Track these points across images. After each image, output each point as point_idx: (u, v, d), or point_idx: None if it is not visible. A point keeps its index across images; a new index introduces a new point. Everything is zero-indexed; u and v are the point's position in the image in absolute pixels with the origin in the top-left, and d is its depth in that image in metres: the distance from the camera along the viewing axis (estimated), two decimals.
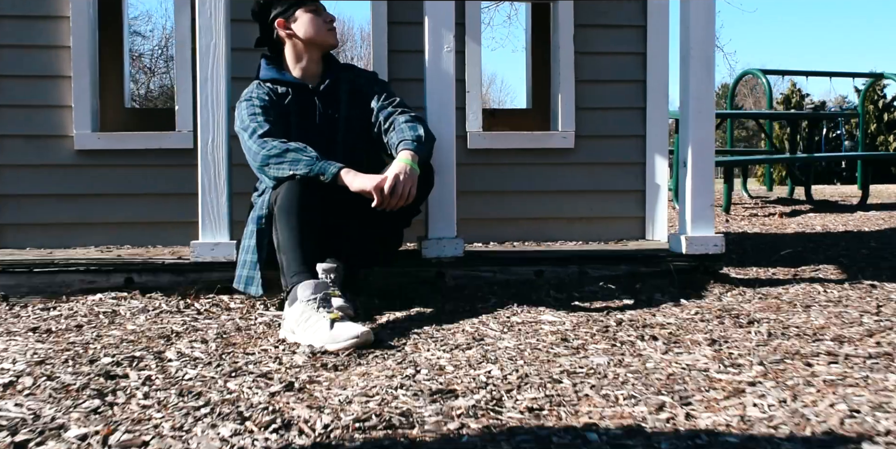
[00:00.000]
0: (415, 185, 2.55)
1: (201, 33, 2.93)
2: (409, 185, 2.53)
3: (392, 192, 2.50)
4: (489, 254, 3.18)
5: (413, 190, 2.54)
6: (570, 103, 3.71)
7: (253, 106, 2.76)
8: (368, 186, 2.49)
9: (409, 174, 2.54)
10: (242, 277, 2.72)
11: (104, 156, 3.54)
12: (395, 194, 2.51)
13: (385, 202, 2.51)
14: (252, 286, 2.68)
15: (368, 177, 2.52)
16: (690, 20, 3.11)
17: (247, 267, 2.72)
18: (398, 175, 2.52)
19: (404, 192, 2.52)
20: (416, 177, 2.57)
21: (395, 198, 2.51)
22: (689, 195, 3.14)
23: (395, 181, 2.51)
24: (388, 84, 2.97)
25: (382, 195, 2.50)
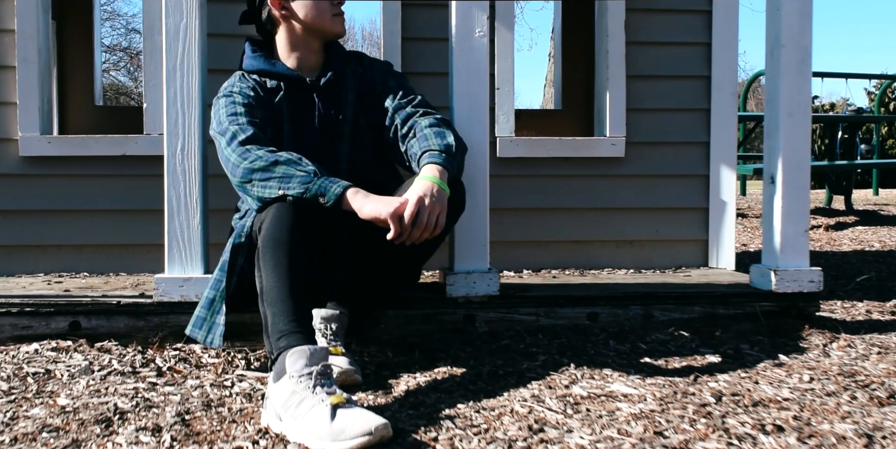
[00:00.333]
0: (444, 211, 1.93)
1: (169, 11, 2.31)
2: (436, 211, 1.91)
3: (415, 220, 1.88)
4: (530, 289, 2.55)
5: (442, 218, 1.92)
6: (619, 104, 3.09)
7: (234, 104, 2.13)
8: (384, 213, 1.86)
9: (437, 197, 1.92)
10: (199, 320, 2.09)
11: (57, 164, 2.91)
12: (418, 224, 1.88)
13: (405, 234, 1.89)
14: (210, 334, 2.04)
15: (383, 200, 1.89)
16: (782, 4, 2.49)
17: (206, 306, 2.09)
18: (422, 198, 1.89)
19: (430, 221, 1.89)
20: (445, 200, 1.94)
21: (419, 228, 1.88)
22: (778, 218, 2.52)
23: (419, 206, 1.88)
24: (405, 77, 2.35)
25: (402, 225, 1.87)
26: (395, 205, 1.87)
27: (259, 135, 2.05)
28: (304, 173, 1.92)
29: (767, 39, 2.56)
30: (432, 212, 1.90)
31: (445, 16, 2.86)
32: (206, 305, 2.09)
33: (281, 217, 1.89)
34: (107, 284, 2.69)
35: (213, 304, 2.08)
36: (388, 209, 1.87)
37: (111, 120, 3.98)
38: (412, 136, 2.15)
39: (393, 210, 1.86)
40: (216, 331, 2.04)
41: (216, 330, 2.04)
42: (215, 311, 2.07)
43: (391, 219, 1.86)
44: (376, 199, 1.90)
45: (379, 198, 1.91)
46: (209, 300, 2.09)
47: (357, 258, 2.14)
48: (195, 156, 2.31)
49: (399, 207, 1.87)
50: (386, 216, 1.86)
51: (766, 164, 2.59)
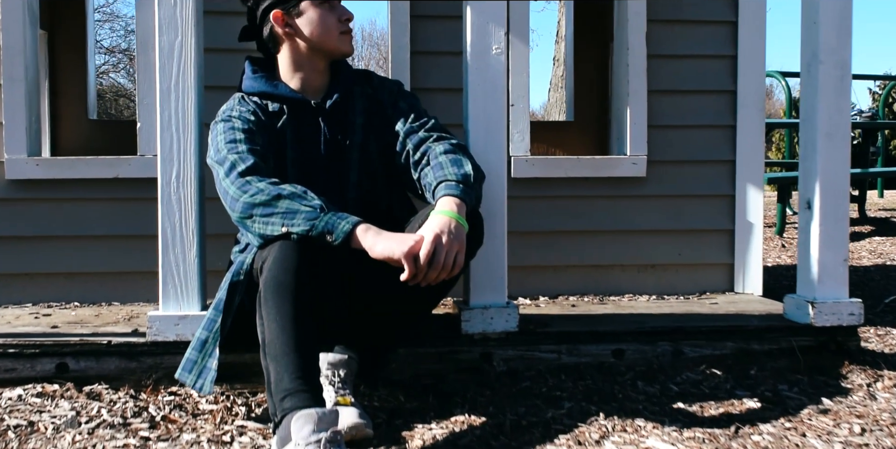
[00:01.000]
0: (462, 249, 1.76)
1: (163, 28, 2.14)
2: (454, 249, 1.74)
3: (431, 260, 1.71)
4: (550, 323, 2.38)
5: (460, 257, 1.75)
6: (641, 121, 2.92)
7: (233, 129, 1.97)
8: (397, 253, 1.70)
9: (455, 234, 1.75)
10: (189, 362, 1.91)
11: (45, 187, 2.74)
12: (434, 264, 1.71)
13: (420, 274, 1.72)
14: (200, 379, 1.87)
15: (396, 237, 1.73)
16: (819, 15, 2.32)
17: (197, 348, 1.92)
18: (439, 236, 1.73)
19: (447, 261, 1.72)
20: (463, 236, 1.78)
21: (436, 269, 1.72)
22: (815, 247, 2.35)
23: (435, 245, 1.72)
24: (416, 98, 2.18)
25: (417, 265, 1.71)
26: (410, 243, 1.71)
27: (260, 164, 1.89)
28: (309, 208, 1.76)
29: (803, 55, 2.40)
30: (450, 250, 1.73)
31: (457, 28, 2.69)
32: (197, 346, 1.92)
33: (285, 257, 1.72)
34: (98, 317, 2.53)
35: (206, 346, 1.91)
36: (401, 248, 1.70)
37: (105, 134, 3.82)
38: (426, 163, 1.99)
39: (407, 249, 1.70)
40: (206, 376, 1.87)
41: (207, 375, 1.87)
42: (207, 353, 1.90)
43: (405, 259, 1.70)
44: (389, 237, 1.73)
45: (392, 235, 1.74)
46: (201, 342, 1.92)
47: (367, 299, 1.97)
48: (191, 183, 2.15)
49: (414, 246, 1.71)
50: (399, 256, 1.70)
51: (801, 188, 2.42)
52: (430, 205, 1.92)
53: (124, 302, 2.79)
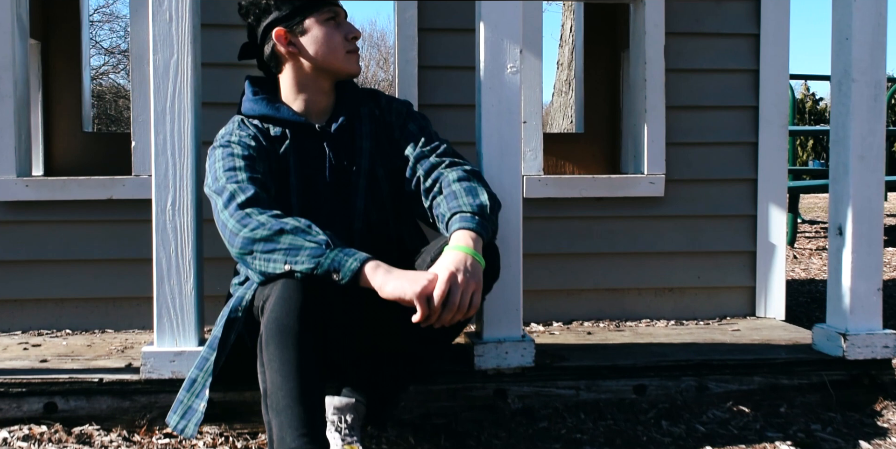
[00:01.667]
0: (479, 289, 1.64)
1: (157, 46, 2.01)
2: (470, 289, 1.61)
3: (446, 301, 1.59)
4: (567, 356, 2.25)
5: (477, 296, 1.63)
6: (659, 138, 2.79)
7: (232, 156, 1.84)
8: (409, 293, 1.57)
9: (471, 271, 1.63)
10: (177, 403, 1.79)
11: (36, 209, 2.62)
12: (449, 305, 1.59)
13: (434, 316, 1.59)
14: (183, 420, 1.74)
15: (408, 276, 1.60)
16: (853, 31, 2.20)
17: (186, 388, 1.80)
18: (454, 274, 1.60)
19: (463, 302, 1.60)
20: (480, 274, 1.65)
21: (450, 311, 1.59)
22: (847, 275, 2.23)
23: (450, 284, 1.59)
24: (426, 120, 2.05)
25: (430, 307, 1.58)
26: (423, 283, 1.58)
27: (261, 195, 1.76)
28: (314, 244, 1.63)
29: (834, 72, 2.27)
30: (466, 290, 1.61)
31: (467, 42, 2.59)
32: (187, 386, 1.80)
33: (288, 298, 1.60)
34: (90, 347, 2.40)
35: (195, 385, 1.78)
36: (413, 289, 1.57)
37: (100, 148, 3.70)
38: (438, 191, 1.86)
39: (420, 290, 1.57)
40: (191, 418, 1.74)
41: (191, 417, 1.74)
42: (195, 393, 1.77)
43: (418, 300, 1.57)
44: (400, 276, 1.61)
45: (403, 273, 1.62)
46: (191, 381, 1.80)
47: (376, 338, 1.85)
48: (188, 211, 2.02)
49: (427, 286, 1.58)
50: (412, 297, 1.57)
51: (832, 213, 2.29)
52: (442, 236, 1.81)
53: (118, 329, 2.66)
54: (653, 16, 2.77)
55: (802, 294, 4.17)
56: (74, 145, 3.66)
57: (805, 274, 4.90)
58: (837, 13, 2.25)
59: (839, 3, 2.24)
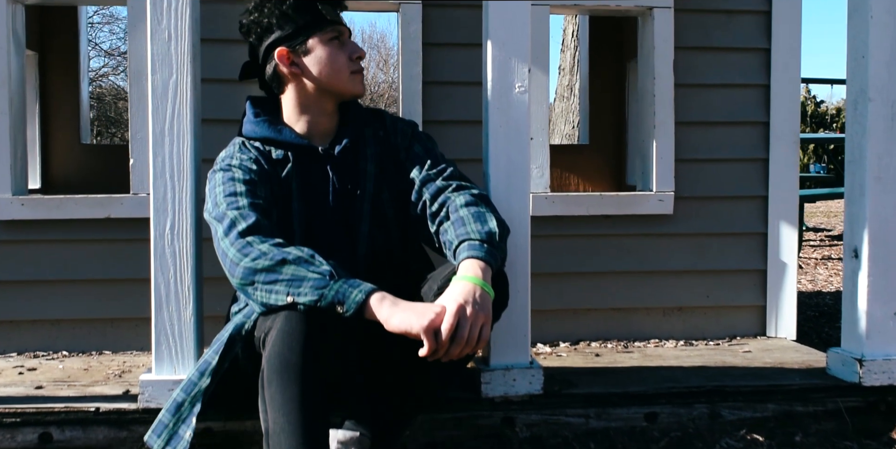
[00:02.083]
0: (488, 321, 1.58)
1: (156, 66, 1.96)
2: (479, 321, 1.56)
3: (454, 334, 1.53)
4: (576, 382, 2.20)
5: (486, 329, 1.57)
6: (668, 154, 2.74)
7: (233, 181, 1.78)
8: (416, 327, 1.52)
9: (480, 303, 1.57)
10: (160, 425, 1.74)
11: (32, 228, 2.56)
12: (458, 339, 1.53)
13: (441, 350, 1.54)
14: (168, 446, 1.70)
15: (415, 309, 1.55)
16: (869, 49, 2.15)
17: (171, 411, 1.74)
18: (462, 307, 1.54)
19: (471, 335, 1.54)
20: (489, 306, 1.60)
21: (459, 344, 1.54)
22: (863, 299, 2.17)
23: (459, 317, 1.53)
24: (432, 141, 1.99)
25: (438, 341, 1.52)
26: (430, 316, 1.52)
27: (262, 222, 1.70)
28: (317, 275, 1.57)
29: (849, 91, 2.22)
30: (474, 323, 1.55)
31: (472, 56, 2.54)
32: (171, 408, 1.74)
33: (291, 331, 1.54)
34: (87, 371, 2.34)
35: (181, 410, 1.73)
36: (420, 322, 1.52)
37: (98, 160, 3.65)
38: (445, 216, 1.80)
39: (427, 323, 1.52)
40: (177, 445, 1.69)
41: (176, 444, 1.69)
42: (181, 419, 1.72)
43: (425, 334, 1.52)
44: (407, 308, 1.55)
45: (410, 306, 1.56)
46: (176, 404, 1.74)
47: (381, 370, 1.79)
48: (187, 235, 1.96)
49: (435, 319, 1.53)
50: (419, 331, 1.52)
51: (847, 235, 2.24)
52: (450, 263, 1.75)
53: (116, 350, 2.61)
54: (662, 30, 2.71)
55: (810, 307, 4.12)
56: (72, 157, 3.61)
57: (812, 286, 4.84)
58: (853, 29, 2.20)
59: (855, 20, 2.19)
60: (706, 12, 2.75)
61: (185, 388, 1.73)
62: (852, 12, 2.19)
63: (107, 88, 20.59)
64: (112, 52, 22.07)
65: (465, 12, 2.65)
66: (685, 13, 2.74)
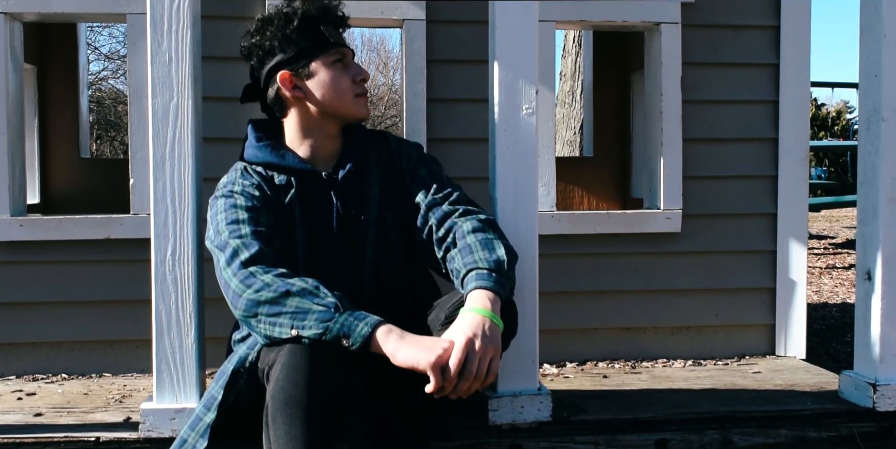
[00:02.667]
0: (498, 354, 1.54)
1: (156, 90, 1.92)
2: (488, 355, 1.52)
3: (462, 370, 1.49)
4: (584, 408, 2.16)
5: (495, 363, 1.53)
6: (675, 172, 2.70)
7: (235, 208, 1.74)
8: (423, 362, 1.48)
9: (489, 336, 1.53)
10: None
11: (31, 249, 2.52)
12: (466, 374, 1.50)
13: (450, 386, 1.50)
14: None
15: (423, 344, 1.51)
16: (882, 68, 2.11)
17: None
18: (471, 341, 1.50)
19: (481, 370, 1.51)
20: (498, 338, 1.56)
21: (468, 379, 1.50)
22: (877, 322, 2.14)
23: (467, 352, 1.50)
24: (437, 164, 1.95)
25: (446, 377, 1.49)
26: (437, 352, 1.48)
27: (265, 251, 1.66)
28: (322, 308, 1.53)
29: (862, 110, 2.18)
30: (483, 357, 1.51)
31: (477, 73, 2.52)
32: (177, 446, 1.71)
33: (295, 366, 1.50)
34: (87, 396, 2.31)
35: (184, 447, 1.69)
36: (427, 358, 1.48)
37: (98, 174, 3.62)
38: (452, 242, 1.77)
39: (434, 359, 1.48)
40: None
41: None
42: None
43: (432, 371, 1.48)
44: (414, 343, 1.51)
45: (418, 340, 1.52)
46: (181, 441, 1.70)
47: (387, 403, 1.75)
48: (189, 261, 1.93)
49: (442, 355, 1.49)
50: (425, 367, 1.48)
51: (860, 256, 2.20)
52: (457, 291, 1.72)
53: (116, 373, 2.57)
54: (669, 46, 2.67)
55: (816, 320, 4.08)
56: (71, 171, 3.58)
57: (817, 297, 4.80)
58: (866, 48, 2.16)
59: (867, 38, 2.15)
60: (714, 27, 2.72)
61: (192, 424, 1.69)
62: (864, 31, 2.15)
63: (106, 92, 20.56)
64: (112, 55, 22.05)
65: (470, 29, 2.61)
66: (693, 28, 2.70)
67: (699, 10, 2.70)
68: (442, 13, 2.62)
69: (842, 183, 10.64)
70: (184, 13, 1.92)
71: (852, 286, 5.12)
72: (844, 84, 14.39)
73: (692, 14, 2.70)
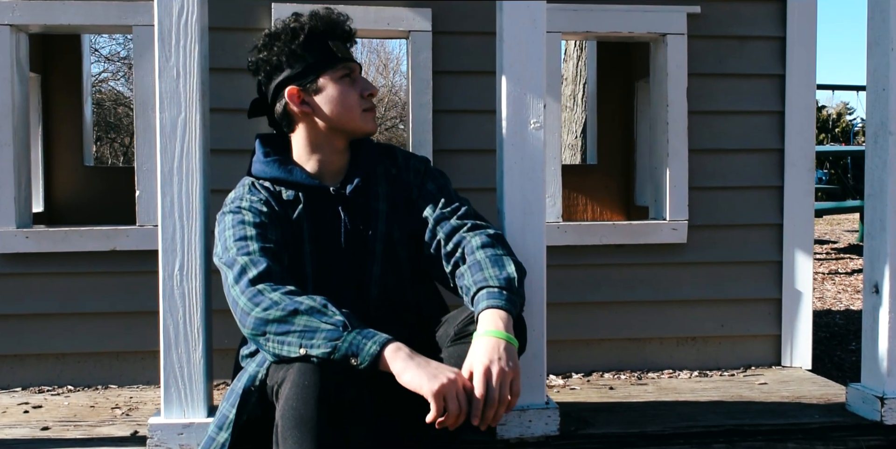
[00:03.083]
0: (518, 375, 1.54)
1: (164, 105, 1.92)
2: (509, 378, 1.51)
3: (486, 399, 1.49)
4: (592, 420, 2.16)
5: (517, 383, 1.53)
6: (681, 183, 2.70)
7: (243, 224, 1.74)
8: (425, 388, 1.46)
9: (508, 358, 1.53)
10: None
11: (36, 261, 2.52)
12: (489, 402, 1.49)
13: (477, 415, 1.49)
14: None
15: (429, 368, 1.48)
16: (890, 81, 2.11)
17: None
18: (489, 368, 1.50)
19: (503, 395, 1.50)
20: (517, 358, 1.56)
21: (491, 406, 1.49)
22: (884, 336, 2.14)
23: (487, 380, 1.49)
24: (445, 178, 1.95)
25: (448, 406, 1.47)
26: (442, 380, 1.45)
27: (273, 268, 1.66)
28: (330, 327, 1.53)
29: (869, 124, 2.18)
30: (504, 382, 1.50)
31: (483, 84, 2.52)
32: None
33: (304, 385, 1.50)
34: (93, 408, 2.30)
35: None
36: (431, 386, 1.45)
37: (101, 183, 3.62)
38: (461, 257, 1.76)
39: (437, 388, 1.45)
40: None
41: None
42: None
43: (434, 398, 1.45)
44: (421, 366, 1.49)
45: (425, 363, 1.50)
46: None
47: (393, 420, 1.74)
48: (196, 276, 1.92)
49: (447, 385, 1.45)
50: (427, 394, 1.46)
51: (867, 270, 2.20)
52: (465, 307, 1.71)
53: (122, 384, 2.57)
54: (675, 56, 2.67)
55: (820, 328, 4.08)
56: (75, 180, 3.58)
57: (820, 303, 4.80)
58: (873, 62, 2.16)
59: (875, 52, 2.15)
60: (720, 38, 2.72)
61: (205, 445, 1.69)
62: (872, 45, 2.15)
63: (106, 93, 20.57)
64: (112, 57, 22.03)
65: (476, 40, 2.61)
66: (698, 39, 2.70)
67: (705, 21, 2.70)
68: (448, 25, 2.62)
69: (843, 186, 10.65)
70: (192, 27, 1.92)
71: (855, 292, 5.12)
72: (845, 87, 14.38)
73: (698, 25, 2.70)
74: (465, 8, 2.63)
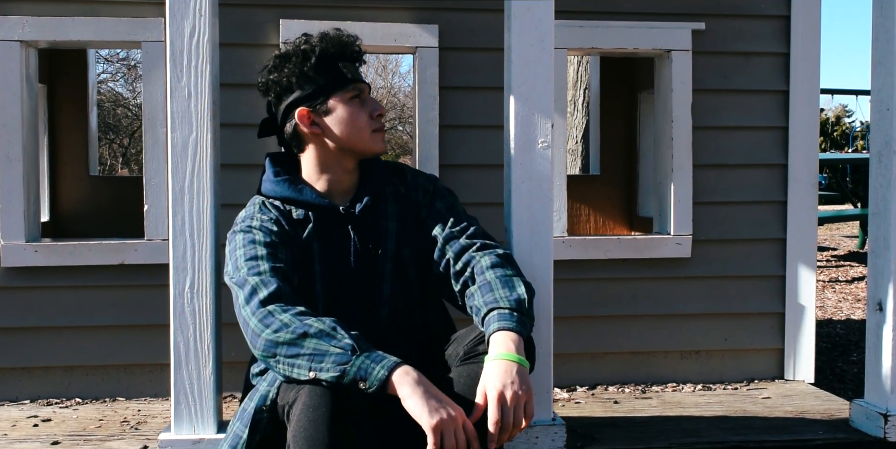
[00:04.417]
0: (531, 397, 1.55)
1: (175, 124, 1.94)
2: (523, 401, 1.53)
3: (501, 425, 1.51)
4: (598, 435, 2.18)
5: (530, 405, 1.54)
6: (685, 198, 2.72)
7: (253, 244, 1.75)
8: (423, 420, 1.45)
9: (521, 381, 1.54)
10: None
11: (45, 275, 2.54)
12: (504, 426, 1.52)
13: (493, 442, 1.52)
14: None
15: (430, 400, 1.47)
16: (895, 101, 2.12)
17: None
18: (502, 394, 1.51)
19: (517, 418, 1.52)
20: (529, 380, 1.57)
21: (507, 431, 1.52)
22: (888, 353, 2.16)
23: (502, 406, 1.51)
24: (454, 196, 1.96)
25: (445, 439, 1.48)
26: (442, 415, 1.45)
27: (284, 289, 1.67)
28: (339, 350, 1.54)
29: (873, 143, 2.20)
30: (518, 406, 1.52)
31: (489, 100, 2.54)
32: None
33: (315, 406, 1.51)
34: (102, 422, 2.32)
35: None
36: (430, 420, 1.45)
37: (107, 192, 3.63)
38: (470, 277, 1.78)
39: (436, 422, 1.45)
40: None
41: None
42: None
43: (432, 432, 1.46)
44: (425, 395, 1.49)
45: (430, 392, 1.51)
46: None
47: (401, 439, 1.76)
48: (207, 294, 1.94)
49: (447, 420, 1.45)
50: (425, 426, 1.46)
51: (871, 287, 2.22)
52: (474, 326, 1.73)
53: (129, 397, 2.58)
54: (680, 73, 2.69)
55: (821, 338, 4.09)
56: (81, 189, 3.59)
57: (821, 313, 4.81)
58: (878, 81, 2.18)
59: (880, 71, 2.17)
60: (724, 54, 2.74)
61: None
62: (877, 65, 2.17)
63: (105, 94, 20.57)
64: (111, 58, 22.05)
65: (482, 56, 2.63)
66: (703, 55, 2.72)
67: (709, 37, 2.72)
68: (454, 41, 2.64)
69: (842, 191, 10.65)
70: (203, 48, 1.94)
71: (856, 301, 5.14)
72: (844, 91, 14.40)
73: (702, 41, 2.72)
74: (471, 24, 2.65)
